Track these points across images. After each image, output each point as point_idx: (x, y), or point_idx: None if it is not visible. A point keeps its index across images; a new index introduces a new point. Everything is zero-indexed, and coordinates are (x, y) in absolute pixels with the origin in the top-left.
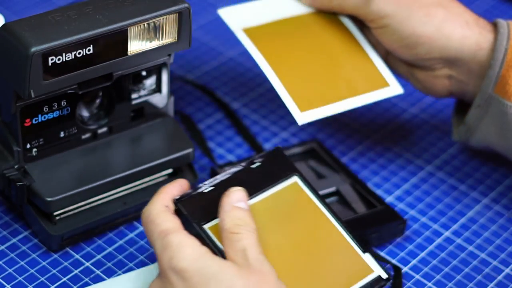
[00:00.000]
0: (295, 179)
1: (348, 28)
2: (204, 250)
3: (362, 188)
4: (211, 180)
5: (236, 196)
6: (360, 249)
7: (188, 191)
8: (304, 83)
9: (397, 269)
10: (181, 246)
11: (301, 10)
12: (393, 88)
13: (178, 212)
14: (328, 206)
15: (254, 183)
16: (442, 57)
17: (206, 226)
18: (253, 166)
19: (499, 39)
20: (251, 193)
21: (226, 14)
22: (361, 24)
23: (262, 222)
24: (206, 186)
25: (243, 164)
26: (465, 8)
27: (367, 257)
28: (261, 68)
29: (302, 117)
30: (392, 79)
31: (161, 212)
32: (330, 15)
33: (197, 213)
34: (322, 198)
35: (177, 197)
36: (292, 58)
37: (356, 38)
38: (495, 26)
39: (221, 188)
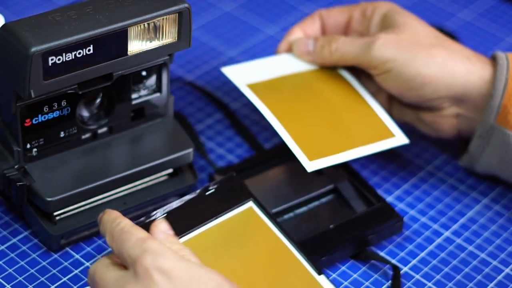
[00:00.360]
0: (250, 204)
1: (349, 82)
2: (185, 253)
3: (360, 184)
4: (165, 207)
5: (163, 225)
6: (315, 271)
7: (142, 218)
8: (310, 134)
9: (396, 269)
10: (162, 249)
11: (302, 67)
12: (399, 139)
13: None
14: (283, 230)
15: (209, 210)
16: (449, 95)
17: None
18: (207, 193)
19: (499, 70)
20: (206, 219)
21: (230, 71)
22: (359, 76)
23: (217, 247)
24: (159, 214)
25: (197, 191)
26: (463, 46)
27: (322, 280)
28: (267, 119)
29: (311, 165)
30: (397, 129)
31: (134, 225)
32: (331, 70)
33: None
34: (277, 223)
35: None
36: (297, 112)
37: (358, 91)
38: (494, 59)
39: (174, 215)
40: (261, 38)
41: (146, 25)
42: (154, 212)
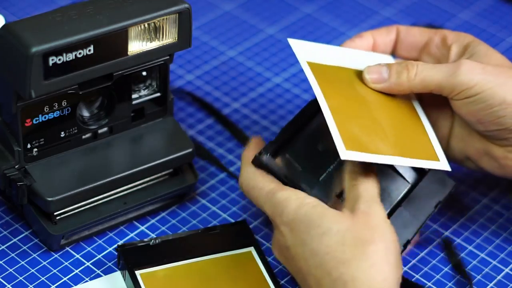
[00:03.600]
0: (250, 249)
1: (411, 101)
2: (308, 201)
3: None
4: (165, 236)
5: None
6: None
7: (135, 241)
8: (355, 127)
9: (446, 241)
10: (288, 201)
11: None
12: (442, 164)
13: (118, 256)
14: (277, 283)
15: (209, 245)
16: None
17: (138, 272)
18: (212, 232)
19: None
20: (205, 252)
21: (295, 44)
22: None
23: (207, 279)
24: (155, 241)
25: (202, 228)
26: None
27: None
28: (317, 98)
29: (346, 154)
30: (443, 156)
31: (258, 176)
32: None
33: (134, 259)
34: (273, 273)
35: (122, 244)
36: (348, 103)
37: (416, 109)
38: None
39: (170, 244)
40: (261, 37)
41: (146, 25)
42: (153, 238)
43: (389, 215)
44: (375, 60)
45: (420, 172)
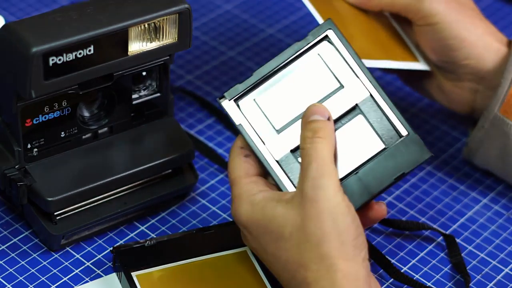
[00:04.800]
0: (246, 248)
1: (386, 16)
2: (258, 201)
3: (385, 103)
4: (160, 236)
5: (309, 111)
6: None
7: (131, 242)
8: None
9: (449, 238)
10: (240, 200)
11: None
12: (422, 64)
13: (113, 258)
14: (273, 283)
15: (204, 245)
16: (476, 67)
17: (134, 274)
18: (207, 232)
19: (510, 59)
20: (200, 252)
21: None
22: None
23: (207, 280)
24: (150, 242)
25: (196, 228)
26: (496, 29)
27: None
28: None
29: None
30: (421, 58)
31: (234, 158)
32: None
33: (130, 261)
34: (268, 273)
35: (117, 245)
36: (335, 14)
37: (392, 23)
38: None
39: (165, 244)
40: (261, 37)
41: (146, 25)
42: (148, 239)
43: (347, 176)
44: None
45: (400, 136)
